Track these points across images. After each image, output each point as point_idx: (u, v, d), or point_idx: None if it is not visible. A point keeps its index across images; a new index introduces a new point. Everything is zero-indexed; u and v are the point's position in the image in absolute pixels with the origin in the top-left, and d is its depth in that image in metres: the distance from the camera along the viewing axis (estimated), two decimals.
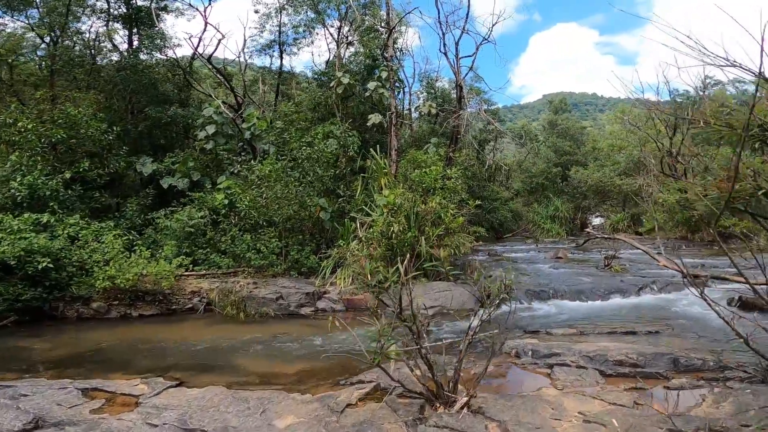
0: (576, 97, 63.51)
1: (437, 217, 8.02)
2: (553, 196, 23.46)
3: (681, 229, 17.74)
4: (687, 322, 5.19)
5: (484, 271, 9.40)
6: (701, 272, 7.79)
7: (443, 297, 7.18)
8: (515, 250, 15.06)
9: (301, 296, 7.75)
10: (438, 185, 8.86)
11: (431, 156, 9.88)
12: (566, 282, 7.94)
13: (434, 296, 7.24)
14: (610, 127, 29.28)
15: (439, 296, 7.23)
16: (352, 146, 10.14)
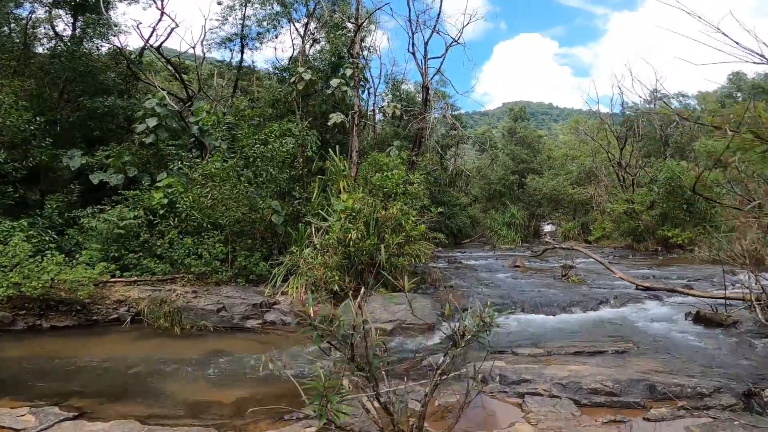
0: (533, 107, 65.95)
1: (398, 224, 7.53)
2: (510, 203, 23.83)
3: (627, 239, 18.44)
4: (650, 340, 5.00)
5: (444, 280, 9.06)
6: (652, 284, 7.84)
7: (403, 310, 6.68)
8: (474, 257, 14.93)
9: (247, 307, 6.99)
10: (400, 190, 8.40)
11: (394, 159, 9.41)
12: (527, 293, 7.71)
13: (393, 309, 6.73)
14: (564, 136, 30.37)
15: (398, 309, 6.73)
16: (310, 146, 9.45)
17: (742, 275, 10.14)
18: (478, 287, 8.47)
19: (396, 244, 7.40)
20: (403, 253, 7.53)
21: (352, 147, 9.54)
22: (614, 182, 21.33)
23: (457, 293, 7.91)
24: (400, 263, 7.43)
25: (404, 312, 6.63)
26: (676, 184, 15.26)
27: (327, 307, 7.13)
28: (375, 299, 7.06)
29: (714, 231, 14.82)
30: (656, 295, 7.31)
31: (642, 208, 17.06)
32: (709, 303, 6.53)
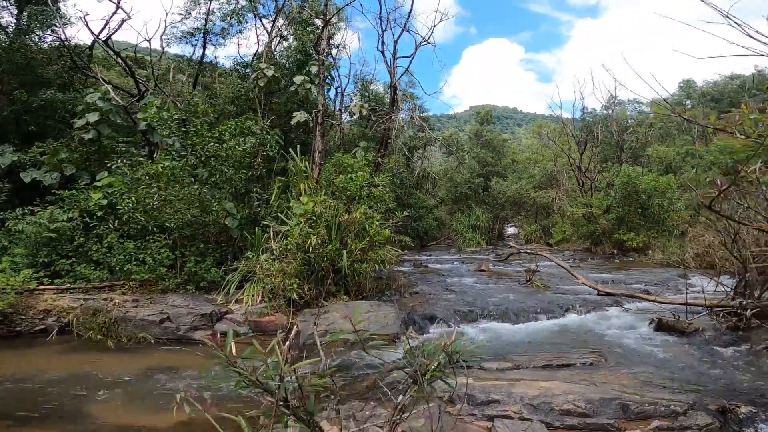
0: (499, 111, 67.46)
1: (362, 228, 7.15)
2: (475, 206, 24.01)
3: (585, 242, 18.92)
4: (617, 350, 4.88)
5: (410, 286, 8.75)
6: (613, 290, 7.86)
7: (366, 319, 6.30)
8: (440, 261, 14.78)
9: (195, 317, 6.38)
10: (364, 193, 8.01)
11: (359, 160, 9.01)
12: (492, 299, 7.52)
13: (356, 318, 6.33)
14: (527, 141, 31.05)
15: (363, 317, 6.34)
16: (269, 145, 8.88)
17: (695, 279, 10.50)
18: (444, 293, 8.22)
19: (359, 249, 7.00)
20: (367, 258, 7.15)
21: (315, 147, 9.05)
22: (574, 186, 21.91)
23: (423, 300, 7.62)
24: (363, 269, 7.04)
25: (367, 322, 6.26)
26: (632, 189, 15.77)
27: (283, 317, 6.66)
28: (336, 308, 6.64)
29: (667, 235, 15.44)
30: (617, 300, 7.31)
31: (600, 212, 17.55)
32: (669, 309, 6.57)
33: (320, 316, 6.43)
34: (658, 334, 5.46)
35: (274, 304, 6.63)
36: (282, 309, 6.62)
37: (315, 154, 8.95)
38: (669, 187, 15.72)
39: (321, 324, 6.22)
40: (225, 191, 7.79)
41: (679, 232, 14.97)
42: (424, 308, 7.01)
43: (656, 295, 7.94)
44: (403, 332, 6.14)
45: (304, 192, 7.90)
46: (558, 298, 7.44)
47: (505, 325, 6.36)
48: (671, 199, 15.51)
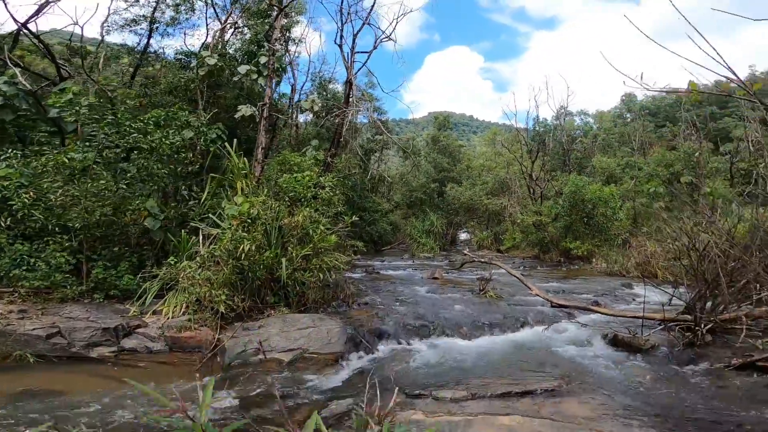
0: (456, 117, 68.60)
1: (305, 233, 6.38)
2: (430, 211, 23.82)
3: (534, 249, 19.20)
4: (577, 373, 4.49)
5: (359, 296, 8.08)
6: (566, 302, 7.64)
7: (307, 335, 5.55)
8: (393, 266, 14.24)
9: (96, 331, 5.32)
10: (309, 194, 7.25)
11: (307, 159, 8.24)
12: (446, 311, 7.02)
13: (295, 334, 5.56)
14: (481, 148, 31.51)
15: (301, 334, 5.58)
16: (204, 139, 7.86)
17: (638, 288, 10.68)
18: (395, 304, 7.62)
19: (302, 256, 6.23)
20: (311, 267, 6.38)
21: (258, 143, 8.17)
22: (525, 194, 22.31)
23: (372, 312, 6.97)
24: (306, 279, 6.27)
25: (307, 338, 5.51)
26: (578, 198, 16.12)
27: (209, 332, 5.74)
28: (273, 322, 5.84)
29: (609, 244, 15.92)
30: (570, 313, 7.07)
31: (548, 220, 17.85)
32: (622, 322, 6.38)
33: (254, 332, 5.59)
34: (615, 351, 5.17)
35: (200, 317, 5.71)
36: (209, 322, 5.70)
37: (258, 151, 8.06)
38: (612, 197, 16.24)
39: (254, 340, 5.39)
40: (148, 188, 6.72)
41: (620, 241, 15.44)
42: (373, 322, 6.36)
43: (606, 306, 7.83)
44: (349, 350, 5.46)
45: (241, 192, 6.98)
46: (512, 311, 7.08)
47: (459, 341, 5.85)
48: (614, 209, 16.01)
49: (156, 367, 5.17)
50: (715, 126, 29.33)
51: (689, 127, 25.26)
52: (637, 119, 30.30)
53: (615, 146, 28.10)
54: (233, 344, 5.32)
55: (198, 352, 5.44)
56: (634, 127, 27.51)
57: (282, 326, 5.70)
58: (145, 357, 5.35)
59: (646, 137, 25.52)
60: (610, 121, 30.61)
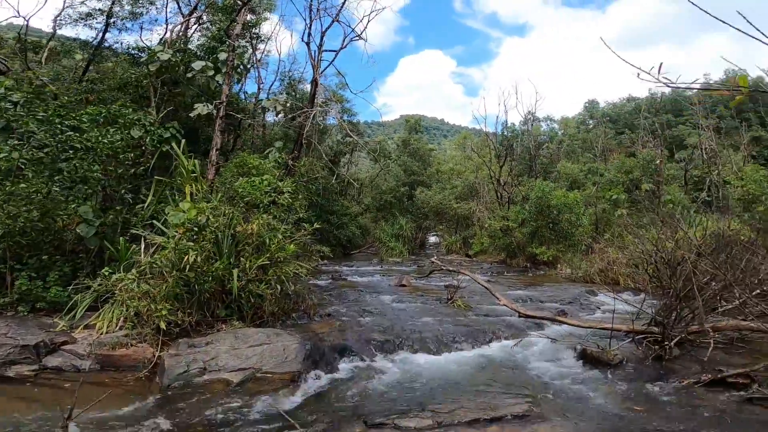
0: (427, 121, 68.93)
1: (261, 242, 5.86)
2: (399, 215, 23.55)
3: (501, 254, 19.27)
4: (547, 394, 4.23)
5: (323, 306, 7.60)
6: (534, 312, 7.46)
7: (260, 352, 5.04)
8: (361, 272, 13.81)
9: (13, 349, 4.64)
10: (267, 200, 6.73)
11: (267, 162, 7.70)
12: (413, 323, 6.66)
13: (247, 351, 5.03)
14: (451, 152, 31.61)
15: (254, 351, 5.06)
16: (151, 139, 7.17)
17: (602, 296, 10.74)
18: (360, 315, 7.20)
19: (257, 267, 5.70)
20: (267, 278, 5.86)
21: (213, 144, 7.55)
22: (493, 199, 22.43)
23: (335, 325, 6.51)
24: (262, 290, 5.74)
25: (260, 356, 5.00)
26: (544, 203, 16.26)
27: (148, 349, 5.12)
28: (224, 338, 5.28)
29: (573, 250, 16.13)
30: (538, 323, 6.87)
31: (515, 225, 17.94)
32: (589, 333, 6.24)
33: (200, 349, 5.02)
34: (584, 367, 4.96)
35: (140, 332, 5.09)
36: (149, 338, 5.09)
37: (212, 152, 7.44)
38: (576, 203, 16.49)
39: (199, 359, 4.84)
40: (84, 191, 5.99)
41: (584, 247, 15.66)
42: (336, 336, 5.91)
43: (573, 316, 7.72)
44: (308, 368, 4.99)
45: (190, 196, 6.35)
46: (481, 322, 6.81)
47: (426, 357, 5.49)
48: (578, 215, 16.24)
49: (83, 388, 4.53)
50: (670, 133, 30.72)
51: (647, 134, 26.31)
52: (599, 125, 31.29)
53: (578, 152, 28.85)
54: (174, 363, 4.74)
55: (134, 371, 4.82)
56: (596, 133, 28.34)
57: (233, 342, 5.16)
58: (72, 376, 4.70)
59: (607, 143, 26.35)
60: (574, 127, 31.48)
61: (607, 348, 5.07)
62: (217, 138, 7.48)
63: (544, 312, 7.52)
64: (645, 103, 31.50)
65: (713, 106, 33.04)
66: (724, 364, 4.47)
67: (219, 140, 7.49)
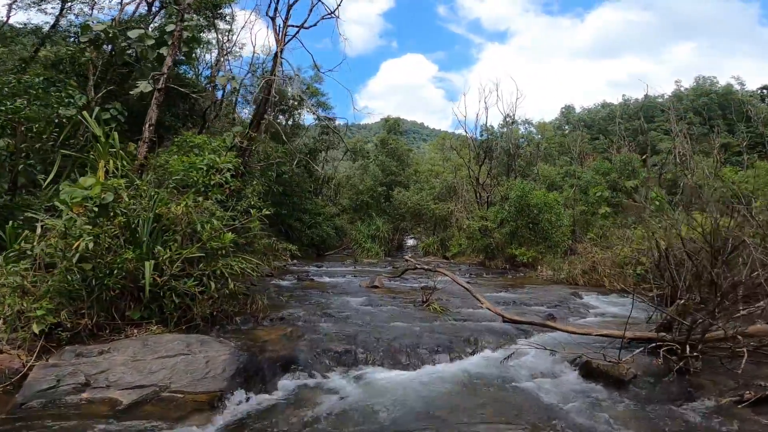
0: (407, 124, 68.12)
1: (192, 229, 4.61)
2: (376, 216, 22.45)
3: (480, 255, 18.37)
4: (549, 420, 3.16)
5: (277, 308, 6.37)
6: (520, 317, 6.43)
7: (172, 365, 3.80)
8: (332, 273, 12.57)
9: None
10: (211, 182, 5.49)
11: (215, 141, 6.47)
12: (380, 328, 5.53)
13: (154, 364, 3.79)
14: (430, 153, 30.81)
15: (164, 364, 3.81)
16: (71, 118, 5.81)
17: (588, 298, 9.88)
18: (320, 319, 6.00)
19: (183, 259, 4.45)
20: (200, 272, 4.61)
21: (148, 118, 6.27)
22: (472, 199, 21.60)
23: (287, 331, 5.30)
24: (189, 289, 4.49)
25: (172, 370, 3.76)
26: (524, 203, 15.45)
27: (20, 357, 3.79)
28: (128, 346, 4.02)
29: (553, 251, 15.37)
30: (525, 330, 5.85)
31: (494, 226, 17.09)
32: (585, 341, 5.25)
33: (90, 359, 3.75)
34: (590, 384, 3.93)
35: (17, 336, 3.78)
36: (28, 344, 3.79)
37: (145, 128, 6.16)
38: (556, 203, 15.77)
39: (82, 371, 3.57)
40: None
41: (564, 247, 14.92)
42: (283, 346, 4.70)
43: (562, 320, 6.74)
44: (235, 387, 3.76)
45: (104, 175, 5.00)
46: (460, 328, 5.73)
47: (394, 372, 4.35)
48: (558, 215, 15.51)
49: None
50: (642, 139, 30.88)
51: (621, 138, 26.19)
52: (576, 129, 31.15)
53: (555, 155, 28.51)
54: (41, 376, 3.47)
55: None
56: (572, 137, 28.11)
57: (137, 352, 3.90)
58: None
59: (583, 147, 26.11)
60: (551, 131, 31.25)
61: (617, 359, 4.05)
62: (152, 112, 6.20)
63: (531, 317, 6.52)
64: (618, 109, 31.56)
65: (684, 111, 33.49)
66: (762, 377, 3.51)
67: (154, 115, 6.20)
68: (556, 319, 6.69)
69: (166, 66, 6.81)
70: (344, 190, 25.70)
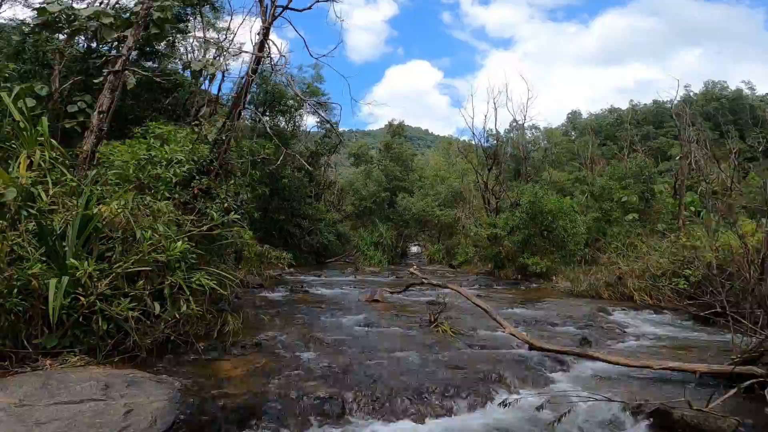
0: (411, 131, 67.17)
1: (131, 235, 3.51)
2: (379, 222, 21.33)
3: (488, 264, 17.13)
4: None
5: (255, 330, 5.24)
6: (555, 346, 5.23)
7: (70, 417, 2.66)
8: (330, 283, 11.43)
9: None
10: (167, 178, 4.40)
11: (183, 130, 5.41)
12: (378, 360, 4.38)
13: (48, 412, 2.66)
14: (435, 159, 29.76)
15: (58, 413, 2.68)
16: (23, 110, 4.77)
17: (617, 314, 8.64)
18: (305, 346, 4.85)
19: (115, 274, 3.33)
20: (137, 291, 3.49)
21: (98, 104, 5.23)
22: (480, 205, 20.42)
23: (260, 363, 4.16)
24: (122, 312, 3.36)
25: (71, 422, 2.63)
26: (537, 208, 14.24)
27: None
28: (23, 383, 2.96)
29: (569, 261, 14.10)
30: (557, 358, 4.66)
31: (504, 233, 15.89)
32: (641, 375, 4.06)
33: None
34: None
35: None
36: None
37: (94, 116, 5.10)
38: (572, 208, 14.56)
39: None
40: None
41: (582, 257, 13.65)
42: (250, 386, 3.56)
43: (597, 345, 5.54)
44: None
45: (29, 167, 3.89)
46: (477, 358, 4.55)
47: (393, 428, 3.19)
48: (574, 222, 14.28)
49: None
50: (652, 145, 29.65)
51: (630, 145, 24.97)
52: (584, 134, 29.99)
53: (563, 161, 27.32)
54: None
55: None
56: (582, 142, 26.97)
57: (30, 394, 2.80)
58: None
59: (592, 153, 24.94)
60: (558, 136, 30.14)
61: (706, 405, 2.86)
62: (104, 98, 5.13)
63: (563, 342, 5.33)
64: (629, 114, 30.37)
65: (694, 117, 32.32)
66: None
67: (106, 101, 5.14)
68: (591, 343, 5.50)
69: (126, 47, 5.79)
70: (347, 196, 24.66)
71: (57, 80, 7.25)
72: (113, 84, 5.25)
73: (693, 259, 7.16)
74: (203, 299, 4.42)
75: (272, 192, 16.79)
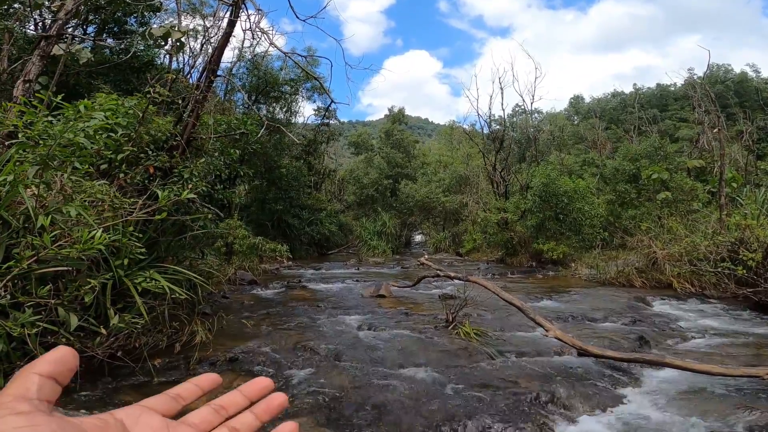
0: (412, 120, 65.70)
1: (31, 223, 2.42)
2: (382, 210, 20.23)
3: (498, 251, 16.03)
4: None
5: (237, 339, 4.19)
6: (600, 349, 4.16)
7: None
8: (329, 276, 10.38)
9: None
10: (110, 154, 3.30)
11: (130, 102, 4.31)
12: (386, 376, 3.33)
13: None
14: (437, 145, 28.56)
15: None
16: None
17: (657, 305, 7.54)
18: (292, 362, 3.80)
19: (12, 278, 2.26)
20: (42, 299, 2.42)
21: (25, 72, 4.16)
22: (486, 191, 19.27)
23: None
24: (9, 326, 2.30)
25: None
26: (550, 190, 13.08)
27: None
28: None
29: (587, 245, 12.99)
30: (615, 365, 3.59)
31: (515, 218, 14.76)
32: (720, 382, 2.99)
33: None
34: None
35: None
36: None
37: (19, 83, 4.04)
38: (588, 190, 13.40)
39: None
40: None
41: (602, 241, 12.52)
42: None
43: (656, 345, 4.47)
44: None
45: None
46: (516, 371, 3.48)
47: None
48: (592, 204, 13.13)
49: None
50: (657, 128, 28.39)
51: (638, 127, 23.72)
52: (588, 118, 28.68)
53: (569, 144, 26.04)
54: None
55: None
56: (588, 125, 25.67)
57: None
58: None
59: (598, 135, 23.66)
60: (563, 120, 28.85)
61: None
62: (33, 65, 4.06)
63: (620, 346, 4.24)
64: (631, 98, 28.96)
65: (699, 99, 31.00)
66: None
67: (35, 68, 4.07)
68: (649, 344, 4.43)
69: (64, 11, 4.68)
70: (348, 185, 23.57)
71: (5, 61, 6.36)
72: (44, 50, 4.17)
73: (750, 239, 6.03)
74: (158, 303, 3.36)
75: (269, 182, 15.75)
